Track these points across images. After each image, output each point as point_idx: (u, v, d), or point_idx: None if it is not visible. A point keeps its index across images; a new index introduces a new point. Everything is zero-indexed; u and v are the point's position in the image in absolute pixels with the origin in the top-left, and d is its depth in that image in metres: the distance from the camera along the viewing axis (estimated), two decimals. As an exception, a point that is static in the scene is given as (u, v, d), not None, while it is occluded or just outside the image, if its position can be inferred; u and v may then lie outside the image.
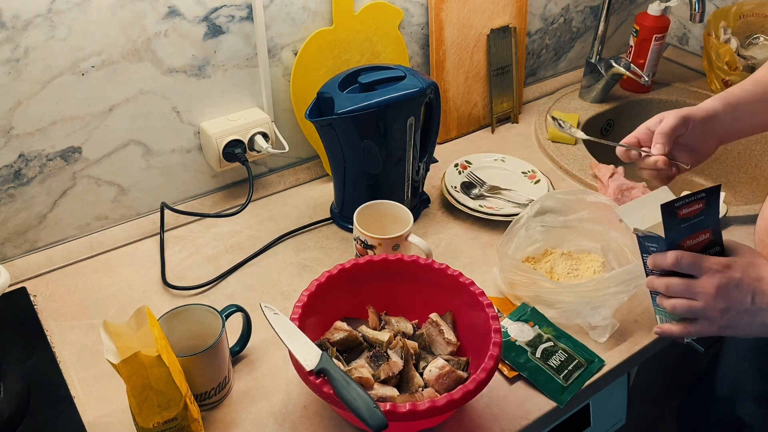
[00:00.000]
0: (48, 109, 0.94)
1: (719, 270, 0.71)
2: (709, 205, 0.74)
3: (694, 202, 0.73)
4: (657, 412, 1.28)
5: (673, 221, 0.73)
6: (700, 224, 0.74)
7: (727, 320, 0.71)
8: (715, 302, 0.71)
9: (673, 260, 0.72)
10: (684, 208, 0.73)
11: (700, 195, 0.73)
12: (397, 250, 0.96)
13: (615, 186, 1.15)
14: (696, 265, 0.72)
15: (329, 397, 0.70)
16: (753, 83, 0.90)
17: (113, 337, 0.68)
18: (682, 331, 0.75)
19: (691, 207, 0.73)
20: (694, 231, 0.74)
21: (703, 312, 0.72)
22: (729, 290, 0.70)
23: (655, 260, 0.75)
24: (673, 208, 0.73)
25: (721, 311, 0.71)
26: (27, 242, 1.02)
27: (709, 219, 0.75)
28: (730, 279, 0.71)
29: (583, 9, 1.50)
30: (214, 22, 1.02)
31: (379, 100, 0.97)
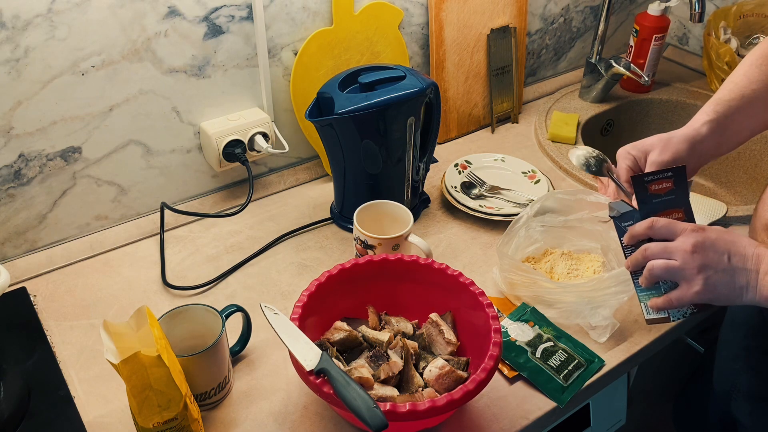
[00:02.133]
0: (48, 109, 0.94)
1: (694, 230, 0.73)
2: (677, 184, 0.77)
3: (663, 180, 0.76)
4: (657, 412, 1.28)
5: (645, 194, 0.77)
6: (672, 203, 0.78)
7: (704, 280, 0.72)
8: (692, 259, 0.72)
9: (648, 224, 0.75)
10: (653, 184, 0.77)
11: (667, 173, 0.77)
12: (397, 250, 0.96)
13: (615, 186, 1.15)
14: (670, 227, 0.74)
15: (329, 397, 0.70)
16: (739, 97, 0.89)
17: (113, 337, 0.68)
18: (664, 302, 0.76)
19: (660, 184, 0.77)
20: (667, 208, 0.77)
21: (681, 271, 0.73)
22: (705, 248, 0.72)
23: (632, 231, 0.77)
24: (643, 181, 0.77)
25: (698, 268, 0.72)
26: (27, 242, 1.02)
27: (680, 199, 0.78)
28: (706, 238, 0.72)
29: (583, 9, 1.50)
30: (214, 22, 1.02)
31: (379, 100, 0.97)
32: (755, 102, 0.89)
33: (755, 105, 0.89)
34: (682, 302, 0.75)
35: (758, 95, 0.89)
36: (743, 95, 0.89)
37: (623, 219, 0.80)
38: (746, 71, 0.90)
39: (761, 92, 0.89)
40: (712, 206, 1.14)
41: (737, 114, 0.88)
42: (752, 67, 0.90)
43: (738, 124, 0.89)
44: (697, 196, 1.18)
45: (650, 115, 1.52)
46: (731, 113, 0.88)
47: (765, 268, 0.71)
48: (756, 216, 0.85)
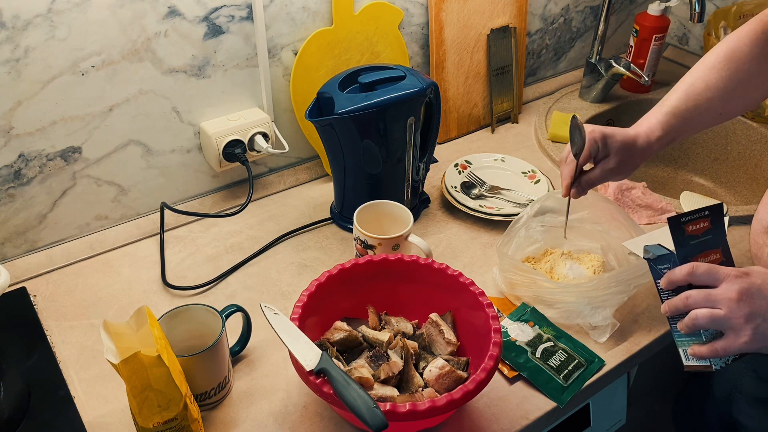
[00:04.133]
0: (48, 109, 0.94)
1: (738, 275, 0.68)
2: (714, 224, 0.73)
3: (700, 220, 0.72)
4: (657, 412, 1.28)
5: (682, 236, 0.72)
6: (709, 243, 0.73)
7: (753, 330, 0.67)
8: (739, 308, 0.67)
9: (688, 269, 0.70)
10: (690, 224, 0.72)
11: (704, 213, 0.73)
12: (397, 250, 0.96)
13: (615, 186, 1.15)
14: (712, 272, 0.69)
15: (329, 397, 0.70)
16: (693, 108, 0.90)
17: (113, 337, 0.68)
18: (709, 351, 0.71)
19: (697, 224, 0.72)
20: (705, 249, 0.73)
21: (727, 320, 0.68)
22: (751, 294, 0.67)
23: (670, 276, 0.72)
24: (680, 222, 0.72)
25: (745, 317, 0.67)
26: (27, 242, 1.02)
27: (718, 238, 0.74)
28: (751, 284, 0.68)
29: (583, 9, 1.50)
30: (214, 22, 1.02)
31: (379, 100, 0.97)
32: (707, 111, 0.90)
33: (706, 113, 0.91)
34: (728, 352, 0.70)
35: (711, 104, 0.90)
36: (698, 105, 0.90)
37: (659, 262, 0.76)
38: (705, 75, 0.91)
39: (714, 101, 0.90)
40: (712, 206, 1.14)
41: (688, 125, 0.91)
42: (713, 70, 0.90)
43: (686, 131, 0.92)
44: (697, 196, 1.18)
45: (650, 115, 1.52)
46: (682, 124, 0.90)
47: None
48: (757, 218, 0.85)
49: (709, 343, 0.71)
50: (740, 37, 0.91)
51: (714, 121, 0.93)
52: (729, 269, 0.69)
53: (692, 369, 0.75)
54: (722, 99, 0.90)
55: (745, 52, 0.89)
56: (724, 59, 0.90)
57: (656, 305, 0.98)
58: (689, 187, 1.46)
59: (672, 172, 1.51)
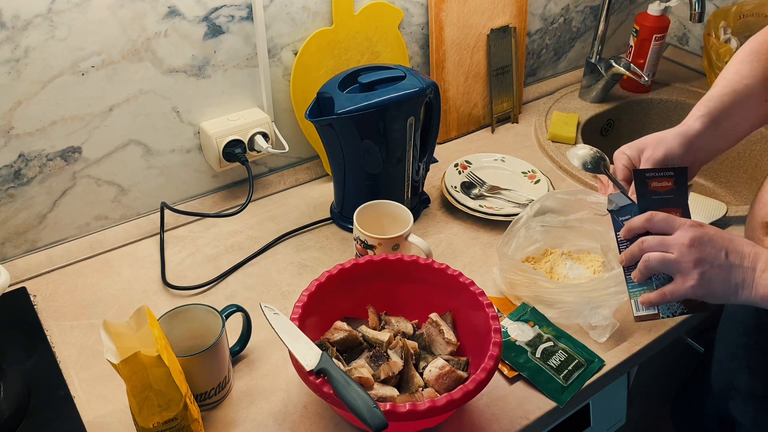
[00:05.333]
0: (48, 109, 0.94)
1: (693, 225, 0.72)
2: (678, 185, 0.77)
3: (664, 178, 0.76)
4: (657, 411, 1.28)
5: (645, 189, 0.76)
6: (671, 202, 0.77)
7: (700, 275, 0.71)
8: (689, 252, 0.71)
9: (646, 216, 0.74)
10: (654, 180, 0.77)
11: (668, 172, 0.77)
12: (397, 250, 0.96)
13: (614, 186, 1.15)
14: (669, 221, 0.73)
15: (329, 397, 0.70)
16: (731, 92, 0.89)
17: (113, 337, 0.68)
18: (657, 296, 0.74)
19: (661, 182, 0.76)
20: (665, 206, 0.76)
21: (676, 264, 0.72)
22: (702, 242, 0.71)
23: (629, 224, 0.76)
24: (645, 177, 0.77)
25: (694, 262, 0.71)
26: (27, 242, 1.02)
27: (679, 199, 0.77)
28: (704, 233, 0.72)
29: (583, 9, 1.50)
30: (214, 22, 1.02)
31: (379, 100, 0.97)
32: (748, 97, 0.89)
33: (749, 100, 0.89)
34: (675, 296, 0.74)
35: (751, 90, 0.89)
36: (735, 90, 0.89)
37: (621, 213, 0.80)
38: (737, 68, 0.90)
39: (753, 87, 0.89)
40: (712, 206, 1.14)
41: (731, 108, 0.88)
42: (743, 63, 0.90)
43: (733, 119, 0.88)
44: (697, 196, 1.18)
45: (650, 115, 1.52)
46: (725, 107, 0.88)
47: (762, 266, 0.71)
48: (752, 214, 0.85)
49: (659, 290, 0.74)
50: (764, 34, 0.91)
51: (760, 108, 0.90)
52: (685, 219, 0.74)
53: (642, 319, 0.78)
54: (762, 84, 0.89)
55: None
56: (753, 54, 0.90)
57: (656, 305, 0.98)
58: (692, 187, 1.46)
59: (672, 172, 1.51)
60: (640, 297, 0.77)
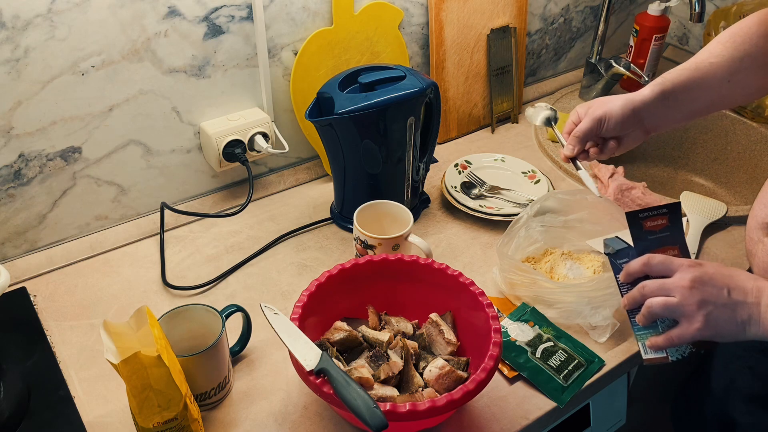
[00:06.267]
0: (48, 109, 0.94)
1: (692, 265, 0.71)
2: (672, 221, 0.76)
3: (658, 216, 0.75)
4: (657, 411, 1.28)
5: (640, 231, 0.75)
6: (667, 239, 0.76)
7: (705, 316, 0.69)
8: (691, 295, 0.69)
9: (643, 260, 0.73)
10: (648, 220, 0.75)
11: (662, 210, 0.75)
12: (397, 250, 0.96)
13: (615, 186, 1.15)
14: (667, 263, 0.72)
15: (329, 397, 0.70)
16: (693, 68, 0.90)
17: (113, 337, 0.68)
18: (665, 340, 0.73)
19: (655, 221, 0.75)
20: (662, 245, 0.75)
21: (680, 308, 0.70)
22: (703, 282, 0.70)
23: (628, 269, 0.75)
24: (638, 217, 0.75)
25: (697, 304, 0.69)
26: (27, 242, 1.02)
27: (675, 236, 0.76)
28: (704, 273, 0.70)
29: (583, 9, 1.50)
30: (214, 22, 1.02)
31: (379, 100, 0.97)
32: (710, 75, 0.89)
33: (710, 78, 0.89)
34: (683, 340, 0.72)
35: (715, 69, 0.89)
36: (698, 67, 0.90)
37: (618, 256, 0.79)
38: (711, 47, 0.91)
39: (719, 66, 0.89)
40: (712, 206, 1.14)
41: (688, 82, 0.89)
42: (718, 44, 0.91)
43: (688, 93, 0.89)
44: (697, 196, 1.18)
45: (650, 115, 1.51)
46: (681, 81, 0.89)
47: (766, 300, 0.69)
48: (752, 215, 0.85)
49: (665, 333, 0.73)
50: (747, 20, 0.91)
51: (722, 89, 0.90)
52: (683, 260, 0.72)
53: (651, 362, 0.77)
54: (728, 66, 0.89)
55: (752, 29, 0.89)
56: (730, 36, 0.90)
57: (656, 305, 0.98)
58: (689, 187, 1.46)
59: (672, 172, 1.51)
60: (647, 341, 0.76)
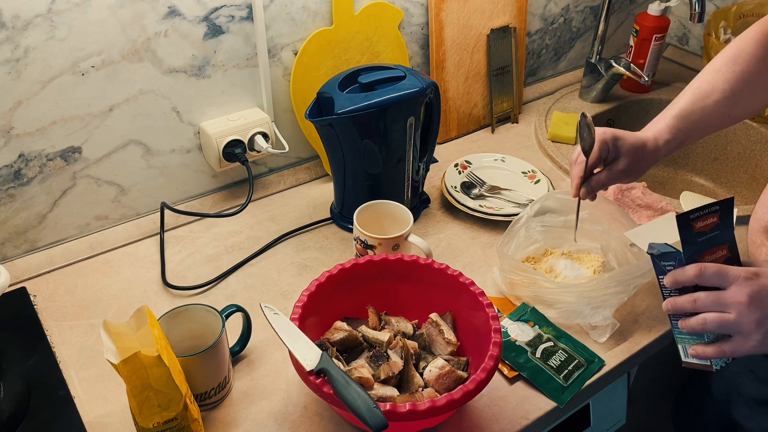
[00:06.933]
0: (48, 109, 0.94)
1: (748, 278, 0.65)
2: (723, 218, 0.70)
3: (709, 215, 0.68)
4: (657, 412, 1.28)
5: (690, 234, 0.69)
6: (717, 239, 0.70)
7: (764, 333, 0.65)
8: (749, 312, 0.65)
9: (695, 271, 0.67)
10: (699, 220, 0.69)
11: (713, 207, 0.69)
12: (397, 250, 0.96)
13: (615, 186, 1.15)
14: (721, 274, 0.66)
15: (329, 397, 0.70)
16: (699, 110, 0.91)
17: (113, 337, 0.68)
18: (716, 352, 0.69)
19: (706, 220, 0.69)
20: (712, 246, 0.69)
21: (737, 325, 0.66)
22: (762, 299, 0.65)
23: (675, 276, 0.69)
24: (689, 219, 0.68)
25: (756, 322, 0.65)
26: (27, 242, 1.02)
27: (725, 234, 0.71)
28: (762, 287, 0.65)
29: (583, 9, 1.50)
30: (214, 22, 1.02)
31: (379, 100, 0.97)
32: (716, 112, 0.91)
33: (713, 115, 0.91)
34: (736, 354, 0.68)
35: (719, 106, 0.90)
36: (704, 107, 0.90)
37: (664, 258, 0.73)
38: (712, 77, 0.91)
39: (720, 103, 0.90)
40: (712, 206, 1.14)
41: (696, 125, 0.91)
42: (718, 73, 0.91)
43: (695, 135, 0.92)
44: (697, 196, 1.18)
45: (650, 114, 1.51)
46: (691, 127, 0.90)
47: None
48: (754, 218, 0.85)
49: (715, 344, 0.69)
50: (745, 39, 0.91)
51: (723, 123, 0.93)
52: (738, 270, 0.67)
53: (691, 366, 0.73)
54: (729, 101, 0.90)
55: (750, 53, 0.89)
56: (729, 62, 0.90)
57: (656, 305, 0.98)
58: (689, 187, 1.46)
59: (672, 172, 1.51)
60: (691, 348, 0.72)
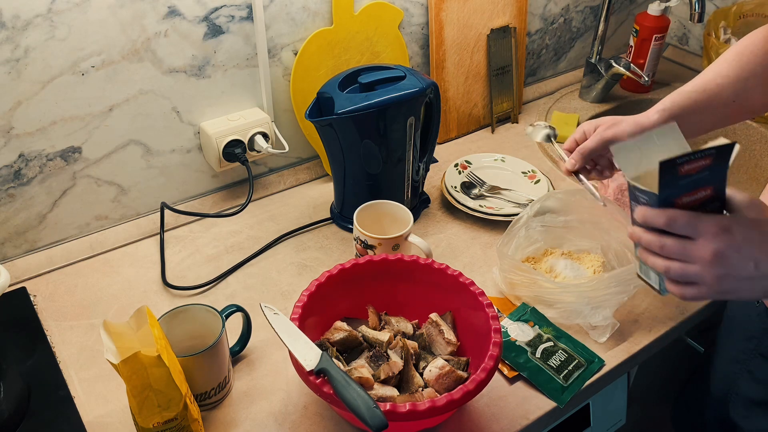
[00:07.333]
0: (48, 109, 0.94)
1: (717, 233, 0.65)
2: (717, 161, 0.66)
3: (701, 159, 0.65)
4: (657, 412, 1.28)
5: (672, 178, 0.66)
6: (702, 180, 0.67)
7: (725, 286, 0.66)
8: (712, 268, 0.65)
9: (665, 221, 0.67)
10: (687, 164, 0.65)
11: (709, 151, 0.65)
12: (397, 250, 0.96)
13: (615, 186, 1.15)
14: (691, 225, 0.66)
15: (329, 397, 0.70)
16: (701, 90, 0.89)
17: (113, 337, 0.68)
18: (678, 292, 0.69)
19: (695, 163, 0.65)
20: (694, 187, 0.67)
21: (698, 277, 0.66)
22: (728, 257, 0.65)
23: (645, 216, 0.68)
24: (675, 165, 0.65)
25: (718, 278, 0.65)
26: (27, 242, 1.02)
27: (714, 176, 0.67)
28: (730, 244, 0.64)
29: (583, 9, 1.50)
30: (214, 22, 1.02)
31: (379, 100, 0.97)
32: (717, 97, 0.89)
33: (717, 99, 0.89)
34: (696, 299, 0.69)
35: (721, 90, 0.89)
36: (705, 89, 0.89)
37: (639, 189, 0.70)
38: (717, 66, 0.91)
39: (725, 88, 0.89)
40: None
41: (696, 106, 0.89)
42: (724, 62, 0.90)
43: (695, 117, 0.89)
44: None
45: (650, 115, 1.52)
46: (689, 105, 0.89)
47: None
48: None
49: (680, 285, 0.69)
50: (753, 36, 0.91)
51: (727, 109, 0.90)
52: (709, 223, 0.65)
53: (642, 280, 0.73)
54: (733, 87, 0.88)
55: (758, 47, 0.89)
56: (736, 54, 0.90)
57: (656, 305, 0.98)
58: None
59: (672, 172, 1.51)
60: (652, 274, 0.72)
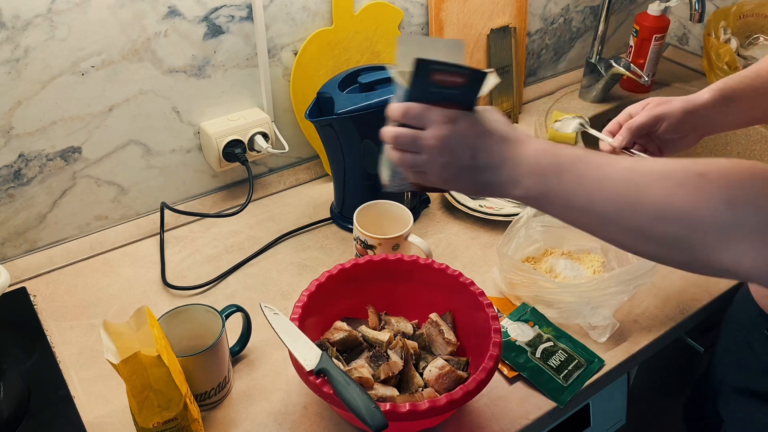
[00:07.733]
0: (48, 109, 0.94)
1: (444, 122, 0.67)
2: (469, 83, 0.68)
3: (455, 74, 0.67)
4: (657, 411, 1.28)
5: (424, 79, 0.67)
6: (452, 97, 0.68)
7: (446, 175, 0.68)
8: (439, 155, 0.67)
9: (402, 111, 0.68)
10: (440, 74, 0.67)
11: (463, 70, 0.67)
12: (397, 250, 0.96)
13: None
14: (422, 116, 0.68)
15: (329, 397, 0.70)
16: (754, 75, 0.89)
17: (113, 337, 0.68)
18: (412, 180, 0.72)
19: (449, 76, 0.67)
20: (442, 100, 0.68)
21: (426, 165, 0.68)
22: (451, 143, 0.66)
23: (389, 109, 0.71)
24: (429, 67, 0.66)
25: (441, 165, 0.67)
26: (27, 242, 1.02)
27: (464, 98, 0.69)
28: (453, 132, 0.66)
29: (583, 9, 1.50)
30: (214, 22, 1.02)
31: (379, 100, 0.97)
32: None
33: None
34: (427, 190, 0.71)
35: None
36: (759, 74, 0.88)
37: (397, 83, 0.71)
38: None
39: None
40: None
41: (748, 89, 0.88)
42: None
43: (747, 100, 0.88)
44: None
45: (650, 115, 1.52)
46: (741, 87, 0.88)
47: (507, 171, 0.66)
48: None
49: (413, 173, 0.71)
50: None
51: None
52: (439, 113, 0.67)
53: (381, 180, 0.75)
54: None
55: None
56: None
57: (656, 305, 0.98)
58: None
59: (672, 172, 1.51)
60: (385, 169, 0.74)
